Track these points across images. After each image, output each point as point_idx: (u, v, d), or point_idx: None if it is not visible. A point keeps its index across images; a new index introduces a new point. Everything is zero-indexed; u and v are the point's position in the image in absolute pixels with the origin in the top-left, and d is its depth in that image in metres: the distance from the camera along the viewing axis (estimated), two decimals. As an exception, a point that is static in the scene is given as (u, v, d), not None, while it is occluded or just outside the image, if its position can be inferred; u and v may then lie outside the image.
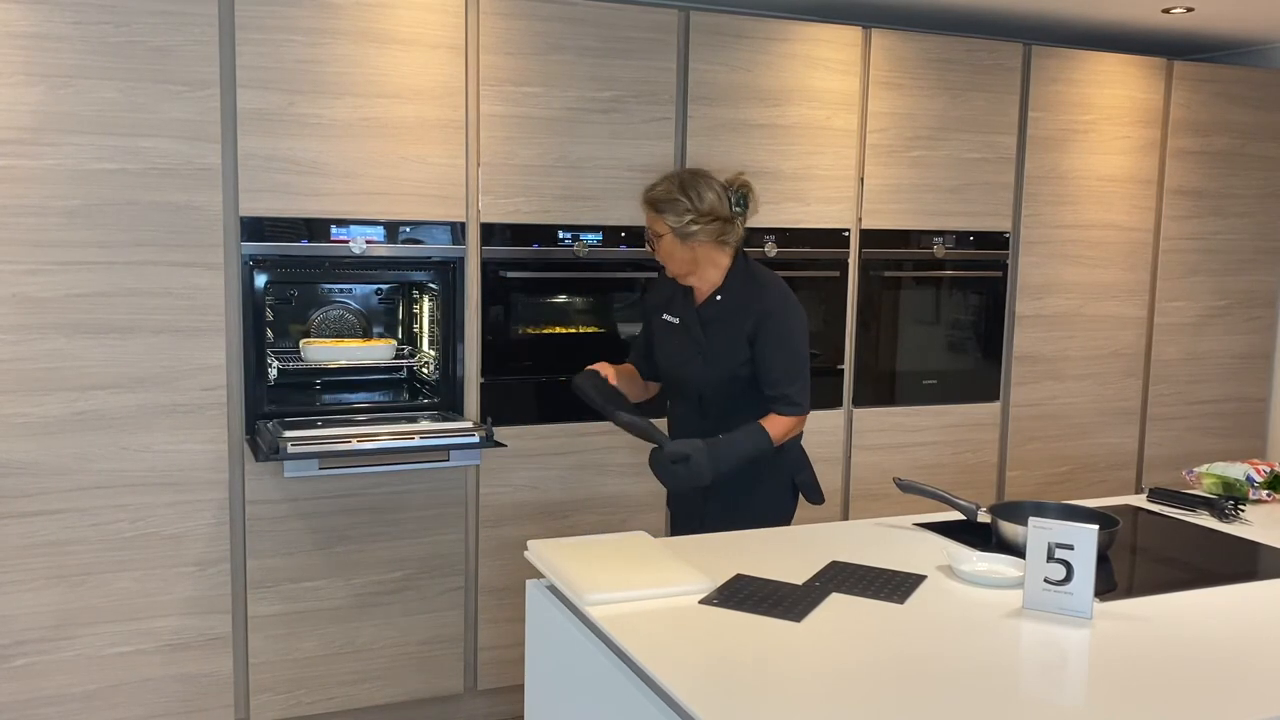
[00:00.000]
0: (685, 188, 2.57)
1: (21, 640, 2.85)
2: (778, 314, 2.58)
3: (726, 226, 2.59)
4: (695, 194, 2.56)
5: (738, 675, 1.62)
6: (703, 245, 2.59)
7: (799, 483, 2.72)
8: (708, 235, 2.58)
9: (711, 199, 2.57)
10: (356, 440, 2.88)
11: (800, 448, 2.74)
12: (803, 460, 2.75)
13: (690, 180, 2.59)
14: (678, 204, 2.57)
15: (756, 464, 2.57)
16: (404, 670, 3.24)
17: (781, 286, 2.64)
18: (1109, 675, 1.66)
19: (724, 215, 2.58)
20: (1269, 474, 2.75)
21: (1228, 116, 4.26)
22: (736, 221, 2.61)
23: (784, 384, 2.57)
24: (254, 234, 2.96)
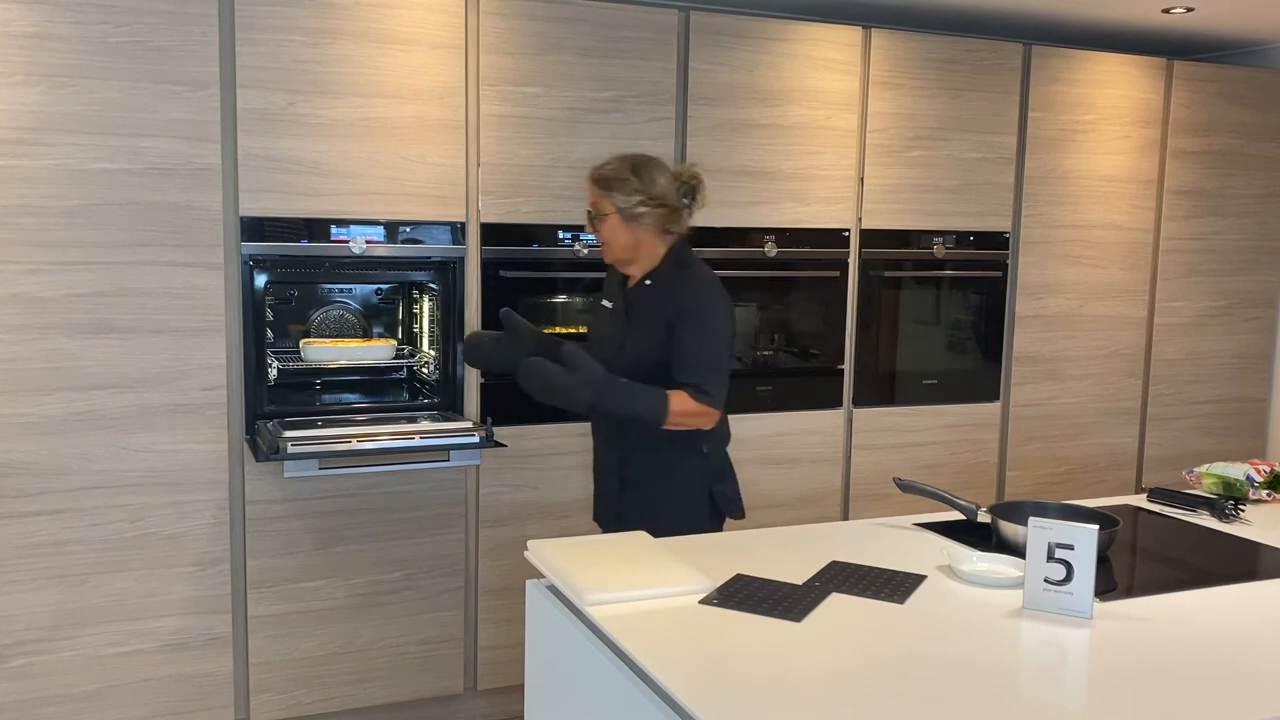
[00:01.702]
0: (637, 170, 2.54)
1: (21, 640, 2.85)
2: (702, 304, 2.51)
3: (672, 215, 2.56)
4: (647, 177, 2.53)
5: (738, 675, 1.62)
6: (645, 230, 2.55)
7: (715, 494, 2.64)
8: (653, 220, 2.54)
9: (663, 184, 2.54)
10: (356, 440, 2.87)
11: (724, 457, 2.68)
12: (724, 471, 2.67)
13: (643, 164, 2.56)
14: (627, 184, 2.53)
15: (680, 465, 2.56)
16: (404, 670, 3.24)
17: (711, 279, 2.58)
18: (1109, 675, 1.66)
19: (672, 203, 2.55)
20: (1269, 474, 2.75)
21: (1228, 116, 4.26)
22: (683, 212, 2.58)
23: (696, 372, 2.47)
24: (254, 234, 2.96)
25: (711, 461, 2.64)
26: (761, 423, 3.64)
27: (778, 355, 3.66)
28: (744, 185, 3.52)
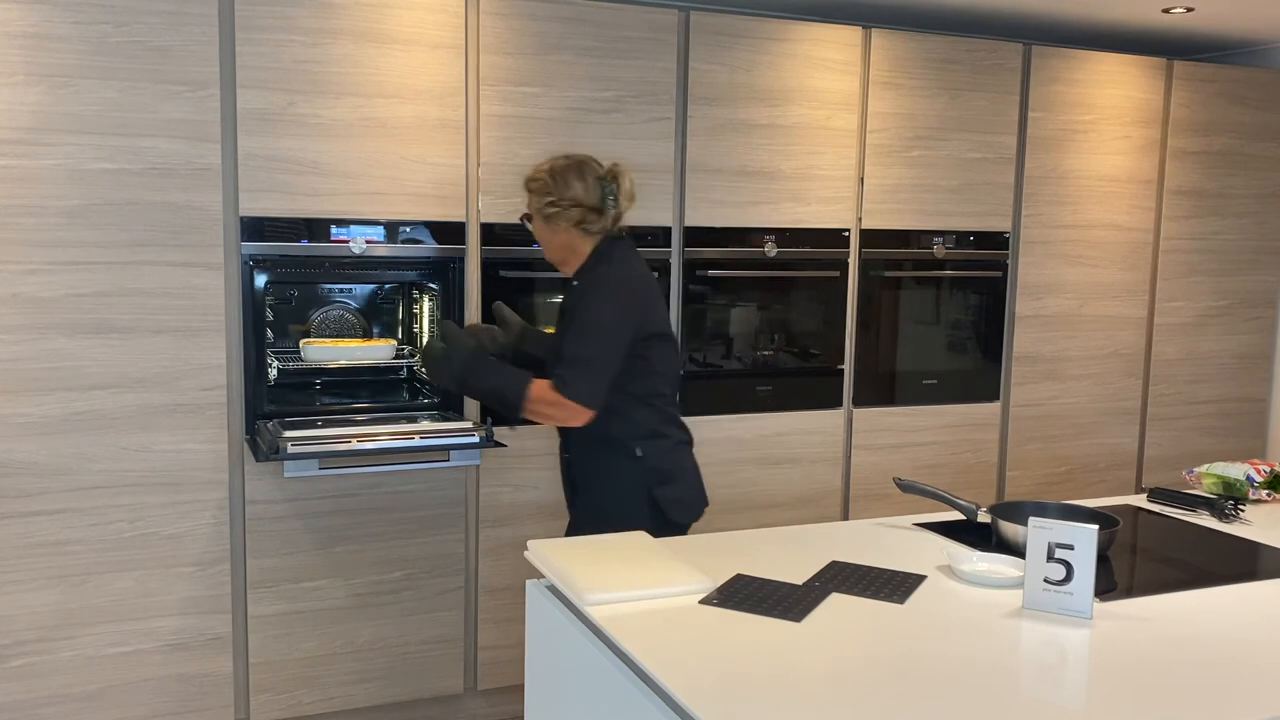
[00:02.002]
0: (554, 172, 2.57)
1: (21, 640, 2.85)
2: (591, 300, 2.51)
3: (590, 214, 2.56)
4: (561, 179, 2.56)
5: (737, 675, 1.62)
6: (568, 231, 2.57)
7: (658, 497, 2.59)
8: (568, 220, 2.56)
9: (578, 186, 2.55)
10: (356, 440, 2.87)
11: (671, 460, 2.62)
12: (669, 475, 2.61)
13: (564, 166, 2.58)
14: (542, 185, 2.58)
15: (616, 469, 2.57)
16: (404, 670, 3.24)
17: (618, 277, 2.53)
18: (1109, 675, 1.66)
19: (588, 203, 2.55)
20: (1269, 474, 2.75)
21: (1228, 116, 4.26)
22: (608, 211, 2.58)
23: (564, 364, 2.47)
24: (254, 234, 2.96)
25: (648, 464, 2.59)
26: (761, 423, 3.64)
27: (778, 355, 3.66)
28: (744, 185, 3.53)
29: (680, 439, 2.67)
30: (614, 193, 2.57)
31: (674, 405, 2.67)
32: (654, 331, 2.57)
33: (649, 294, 2.59)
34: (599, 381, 2.47)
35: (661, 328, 2.59)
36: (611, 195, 2.57)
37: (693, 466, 2.70)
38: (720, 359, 3.58)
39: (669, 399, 2.64)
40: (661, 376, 2.60)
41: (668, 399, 2.63)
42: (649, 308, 2.56)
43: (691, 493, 2.68)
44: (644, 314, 2.55)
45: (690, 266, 3.49)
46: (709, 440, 3.56)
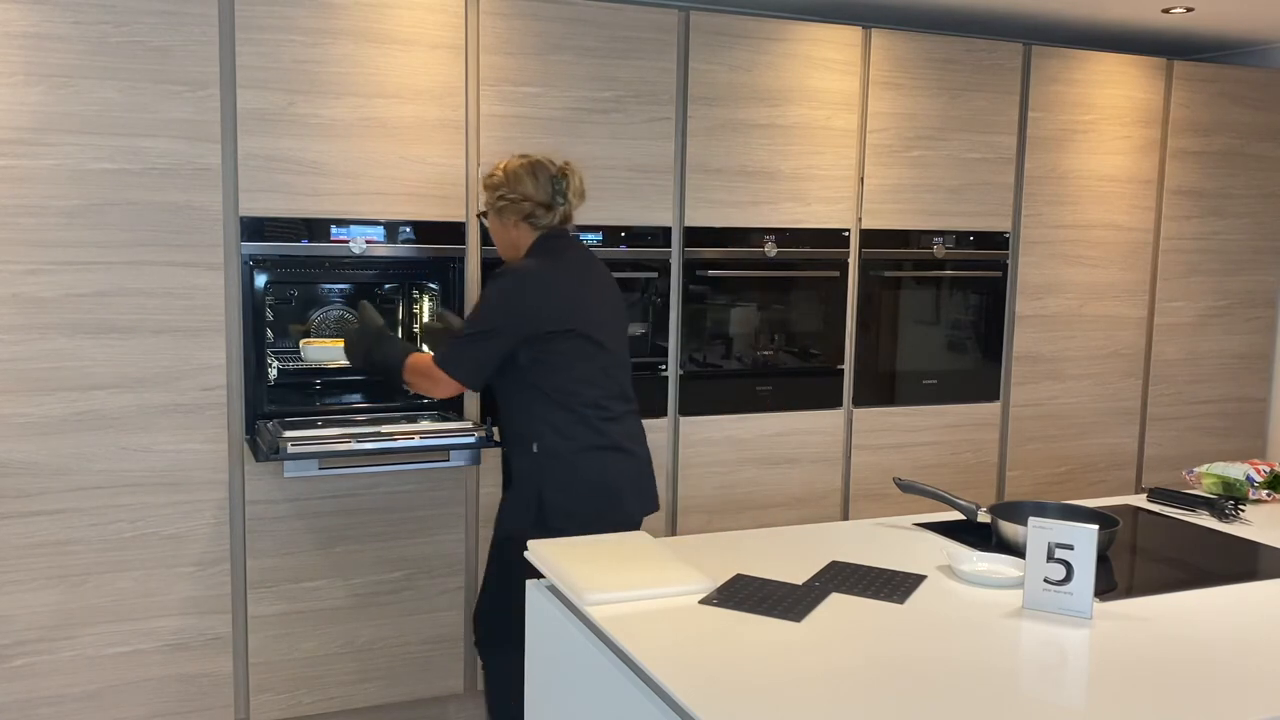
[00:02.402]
0: (509, 169, 2.64)
1: (21, 640, 2.85)
2: (491, 286, 2.56)
3: (539, 209, 2.62)
4: (514, 175, 2.62)
5: (738, 675, 1.62)
6: (516, 226, 2.64)
7: (545, 499, 2.56)
8: (517, 214, 2.62)
9: (529, 182, 2.62)
10: (356, 440, 2.88)
11: (572, 465, 2.56)
12: (563, 481, 2.56)
13: (517, 164, 2.65)
14: (495, 180, 2.65)
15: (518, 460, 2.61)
16: (404, 670, 3.24)
17: (525, 269, 2.55)
18: (1109, 675, 1.66)
19: (538, 199, 2.61)
20: (1269, 474, 2.75)
21: (1228, 116, 4.26)
22: (557, 207, 2.63)
23: (453, 339, 2.58)
24: (254, 234, 2.96)
25: (541, 462, 2.57)
26: (761, 423, 3.64)
27: (778, 355, 3.66)
28: (744, 185, 3.53)
29: (594, 444, 2.58)
30: (563, 190, 2.63)
31: (599, 409, 2.59)
32: (561, 329, 2.53)
33: (562, 291, 2.56)
34: (470, 357, 2.54)
35: (572, 325, 2.54)
36: (560, 192, 2.63)
37: (602, 478, 2.58)
38: (720, 359, 3.58)
39: (590, 401, 2.57)
40: (575, 377, 2.56)
41: (587, 401, 2.57)
42: (554, 303, 2.54)
43: (583, 505, 2.56)
44: (543, 309, 2.53)
45: (690, 266, 3.49)
46: (709, 440, 3.56)
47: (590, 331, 2.58)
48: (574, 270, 2.62)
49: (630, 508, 2.64)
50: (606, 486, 2.61)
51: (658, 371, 3.49)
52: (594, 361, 2.59)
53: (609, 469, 2.61)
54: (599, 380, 2.60)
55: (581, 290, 2.60)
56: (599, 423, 2.59)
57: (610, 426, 2.61)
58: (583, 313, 2.57)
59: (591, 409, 2.59)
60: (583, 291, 2.60)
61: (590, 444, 2.59)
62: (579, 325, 2.56)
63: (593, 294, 2.63)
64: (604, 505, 2.59)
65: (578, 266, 2.63)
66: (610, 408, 2.62)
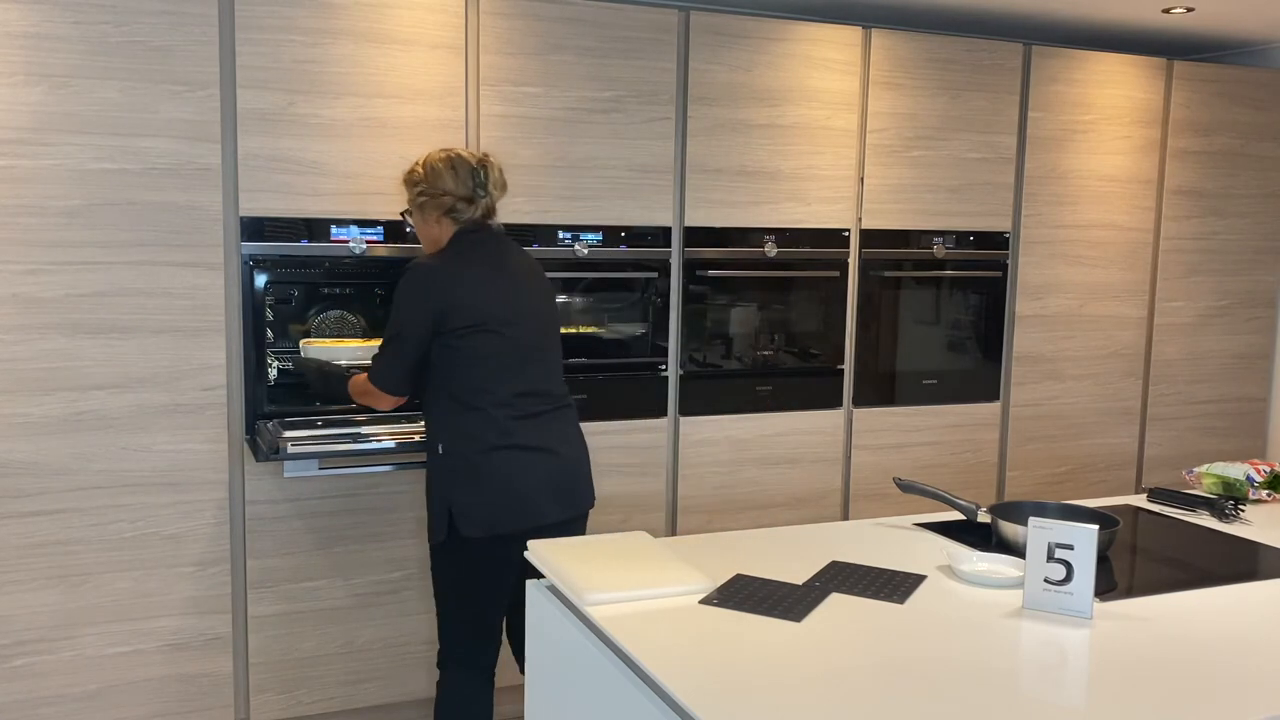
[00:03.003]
0: (428, 164, 2.60)
1: (21, 640, 2.85)
2: (398, 286, 2.52)
3: (460, 203, 2.57)
4: (433, 170, 2.58)
5: (738, 675, 1.62)
6: (440, 221, 2.60)
7: (451, 501, 2.47)
8: (438, 209, 2.58)
9: (448, 177, 2.56)
10: (356, 440, 2.88)
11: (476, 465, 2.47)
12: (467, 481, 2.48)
13: (437, 158, 2.59)
14: (414, 176, 2.61)
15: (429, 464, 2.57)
16: (404, 670, 3.24)
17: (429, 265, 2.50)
18: (1109, 675, 1.66)
19: (458, 193, 2.56)
20: (1269, 474, 2.75)
21: (1228, 116, 4.26)
22: (478, 200, 2.58)
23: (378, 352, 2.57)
24: (254, 234, 2.96)
25: (447, 464, 2.49)
26: (761, 423, 3.64)
27: (778, 355, 3.66)
28: (744, 185, 3.53)
29: (501, 444, 2.48)
30: (483, 182, 2.58)
31: (509, 408, 2.50)
32: (462, 324, 2.47)
33: (463, 286, 2.48)
34: (394, 366, 2.52)
35: (474, 321, 2.47)
36: (481, 185, 2.58)
37: (510, 481, 2.48)
38: (720, 359, 3.58)
39: (499, 400, 2.49)
40: (481, 374, 2.48)
41: (496, 400, 2.49)
42: (453, 299, 2.46)
43: (492, 510, 2.47)
44: (441, 304, 2.46)
45: (690, 266, 3.49)
46: (709, 440, 3.56)
47: (498, 327, 2.49)
48: (482, 264, 2.53)
49: (548, 511, 2.51)
50: (516, 489, 2.48)
51: (658, 371, 3.49)
52: (503, 359, 2.50)
53: (519, 470, 2.49)
54: (509, 378, 2.50)
55: (489, 285, 2.51)
56: (508, 422, 2.49)
57: (522, 425, 2.50)
58: (488, 308, 2.49)
59: (501, 408, 2.49)
60: (490, 286, 2.51)
61: (496, 444, 2.48)
62: (483, 321, 2.48)
63: (505, 288, 2.53)
64: (515, 509, 2.47)
65: (488, 260, 2.55)
66: (523, 406, 2.52)
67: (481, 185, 2.58)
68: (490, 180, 2.59)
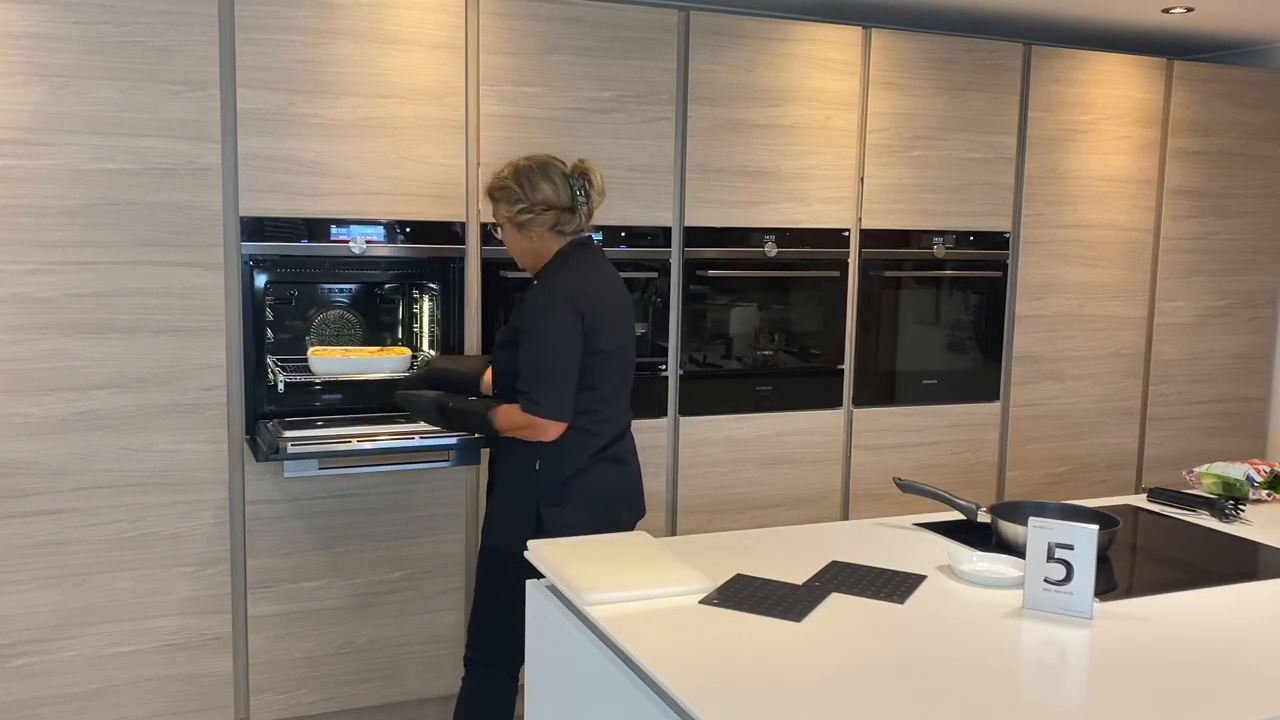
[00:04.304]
0: (519, 176, 2.53)
1: (21, 640, 2.85)
2: (540, 311, 2.46)
3: (564, 215, 2.53)
4: (529, 183, 2.52)
5: (738, 675, 1.62)
6: (540, 236, 2.55)
7: (544, 517, 2.50)
8: (542, 225, 2.53)
9: (547, 189, 2.51)
10: (356, 440, 2.88)
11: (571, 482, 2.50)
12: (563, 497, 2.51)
13: (526, 169, 2.54)
14: (510, 193, 2.54)
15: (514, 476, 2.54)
16: (404, 670, 3.24)
17: (565, 287, 2.47)
18: (1109, 675, 1.66)
19: (560, 204, 2.52)
20: (1269, 474, 2.75)
21: (1228, 116, 4.26)
22: (579, 210, 2.54)
23: (526, 381, 2.46)
24: (254, 234, 2.96)
25: (543, 480, 2.51)
26: (761, 423, 3.64)
27: (778, 355, 3.66)
28: (744, 185, 3.53)
29: (594, 460, 2.54)
30: (585, 190, 2.54)
31: (605, 424, 2.55)
32: (599, 348, 2.49)
33: (601, 307, 2.49)
34: (563, 392, 2.45)
35: (606, 345, 2.50)
36: (583, 192, 2.54)
37: (600, 493, 2.55)
38: (720, 359, 3.58)
39: (599, 417, 2.53)
40: (596, 396, 2.51)
41: (597, 417, 2.53)
42: (598, 319, 2.48)
43: (582, 520, 2.51)
44: (590, 324, 2.47)
45: (690, 266, 3.49)
46: (709, 440, 3.56)
47: (616, 350, 2.53)
48: (605, 283, 2.54)
49: (624, 519, 2.62)
50: (603, 501, 2.56)
51: (658, 371, 3.49)
52: (613, 380, 2.54)
53: (606, 484, 2.56)
54: (615, 397, 2.56)
55: (614, 305, 2.53)
56: (603, 440, 2.55)
57: (612, 442, 2.57)
58: (613, 331, 2.51)
59: (601, 424, 2.54)
60: (615, 306, 2.54)
61: (590, 463, 2.54)
62: (609, 343, 2.50)
63: (621, 310, 2.55)
64: (600, 519, 2.53)
65: (606, 279, 2.55)
66: (618, 423, 2.59)
67: (583, 192, 2.53)
68: (593, 188, 2.54)
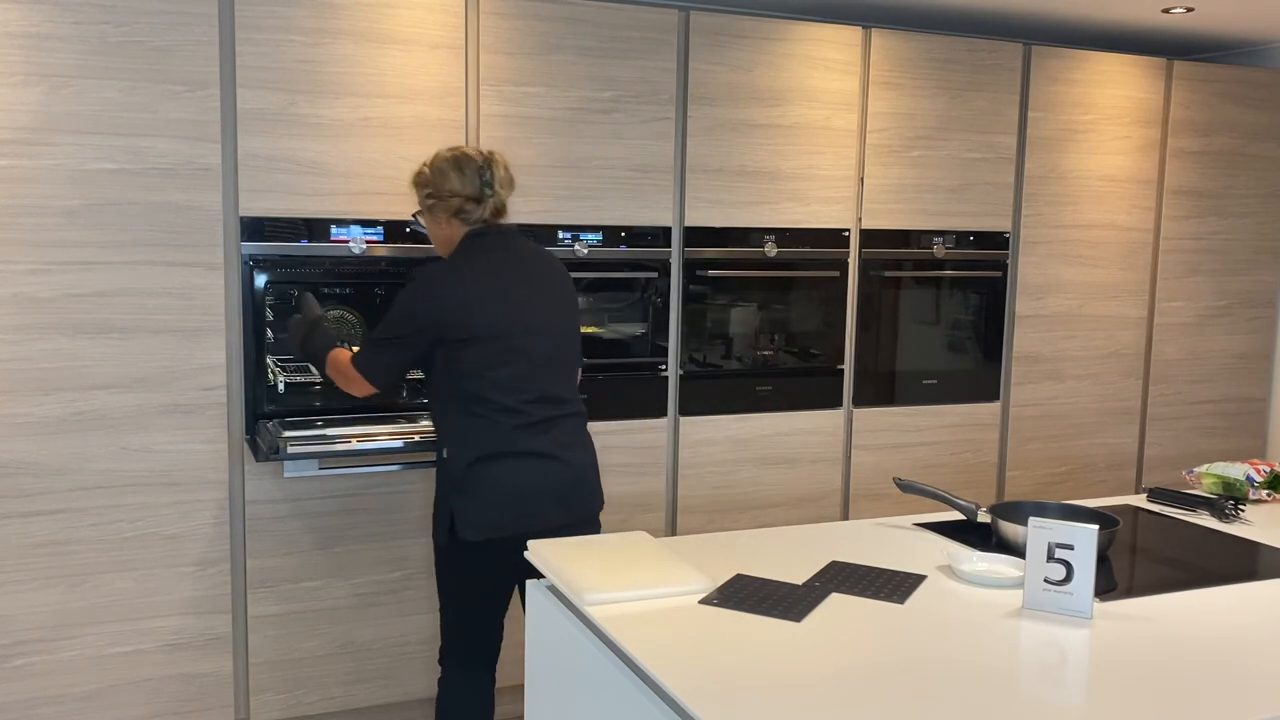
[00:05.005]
0: (435, 165, 2.58)
1: (21, 640, 2.85)
2: (405, 287, 2.52)
3: (469, 204, 2.55)
4: (439, 173, 2.56)
5: (738, 675, 1.62)
6: (448, 223, 2.58)
7: (453, 507, 2.48)
8: (447, 211, 2.56)
9: (454, 178, 2.54)
10: (356, 440, 2.88)
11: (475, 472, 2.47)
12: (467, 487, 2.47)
13: (442, 159, 2.57)
14: (422, 178, 2.60)
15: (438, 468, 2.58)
16: (404, 670, 3.24)
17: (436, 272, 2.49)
18: (1109, 675, 1.66)
19: (464, 194, 2.54)
20: (1269, 474, 2.75)
21: (1228, 116, 4.26)
22: (486, 200, 2.55)
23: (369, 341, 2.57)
24: (254, 234, 2.96)
25: (450, 468, 2.50)
26: (761, 423, 3.64)
27: (778, 355, 3.66)
28: (744, 185, 3.53)
29: (503, 452, 2.47)
30: (490, 180, 2.55)
31: (515, 414, 2.48)
32: (467, 335, 2.45)
33: (470, 295, 2.46)
34: (381, 359, 2.53)
35: (479, 331, 2.45)
36: (488, 183, 2.55)
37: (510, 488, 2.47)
38: (720, 359, 3.58)
39: (504, 407, 2.46)
40: (487, 382, 2.46)
41: (500, 406, 2.46)
42: (458, 309, 2.44)
43: (491, 515, 2.46)
44: (446, 315, 2.45)
45: (690, 266, 3.49)
46: (709, 440, 3.56)
47: (503, 336, 2.47)
48: (490, 269, 2.51)
49: (549, 515, 2.50)
50: (515, 494, 2.47)
51: (658, 371, 3.49)
52: (509, 366, 2.47)
53: (520, 476, 2.48)
54: (516, 385, 2.48)
55: (495, 293, 2.48)
56: (511, 430, 2.47)
57: (525, 433, 2.49)
58: (492, 317, 2.46)
59: (504, 415, 2.47)
60: (497, 294, 2.48)
61: (497, 451, 2.47)
62: (486, 330, 2.45)
63: (513, 295, 2.50)
64: (513, 514, 2.47)
65: (498, 264, 2.52)
66: (529, 413, 2.49)
67: (488, 184, 2.55)
68: (496, 178, 2.56)
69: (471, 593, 2.56)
